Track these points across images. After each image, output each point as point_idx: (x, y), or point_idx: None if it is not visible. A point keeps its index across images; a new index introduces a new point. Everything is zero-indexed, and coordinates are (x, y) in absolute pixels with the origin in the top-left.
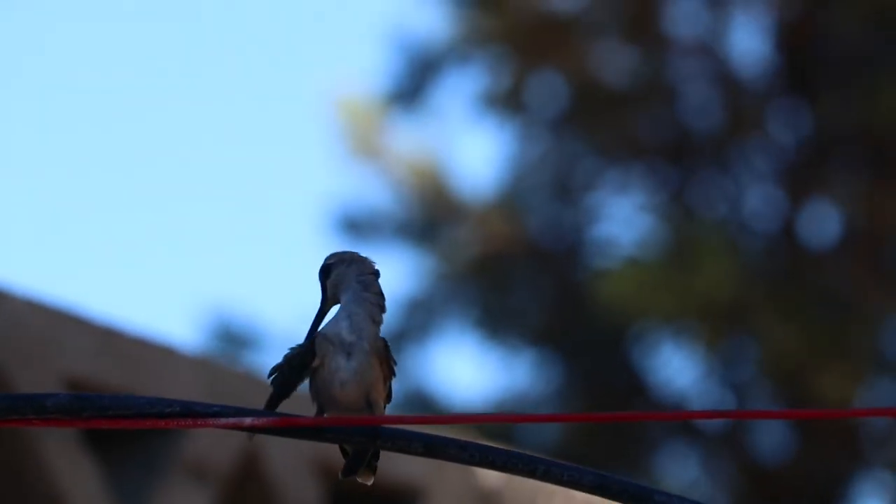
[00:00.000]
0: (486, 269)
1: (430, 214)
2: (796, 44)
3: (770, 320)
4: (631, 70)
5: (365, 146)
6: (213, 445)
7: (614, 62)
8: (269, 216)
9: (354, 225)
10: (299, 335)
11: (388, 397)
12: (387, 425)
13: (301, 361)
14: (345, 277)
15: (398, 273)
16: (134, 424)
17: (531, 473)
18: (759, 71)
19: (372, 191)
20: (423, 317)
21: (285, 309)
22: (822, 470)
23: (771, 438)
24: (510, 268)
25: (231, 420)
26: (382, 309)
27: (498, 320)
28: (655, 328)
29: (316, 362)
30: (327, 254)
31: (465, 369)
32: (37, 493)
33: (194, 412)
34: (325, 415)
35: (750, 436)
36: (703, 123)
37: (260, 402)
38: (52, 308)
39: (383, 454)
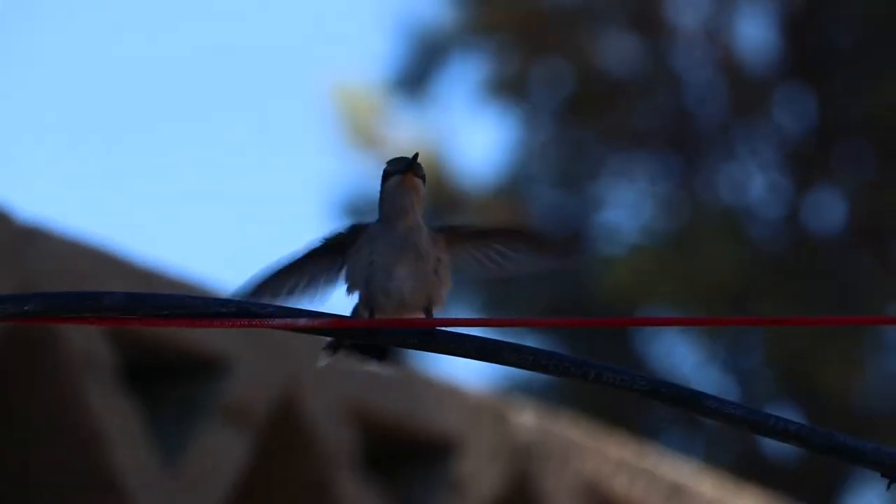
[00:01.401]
0: None
1: (434, 202)
2: (801, 30)
3: (774, 307)
4: (635, 58)
5: (365, 134)
6: (251, 390)
7: (618, 50)
8: (271, 203)
9: (356, 212)
10: None
11: (448, 288)
12: (441, 328)
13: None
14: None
15: None
16: (189, 324)
17: (584, 377)
18: (763, 58)
19: (373, 179)
20: None
21: None
22: (827, 462)
23: None
24: None
25: (286, 321)
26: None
27: (501, 307)
28: (659, 315)
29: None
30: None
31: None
32: (75, 433)
33: (249, 312)
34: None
35: None
36: (707, 111)
37: (300, 351)
38: (93, 248)
39: (423, 404)
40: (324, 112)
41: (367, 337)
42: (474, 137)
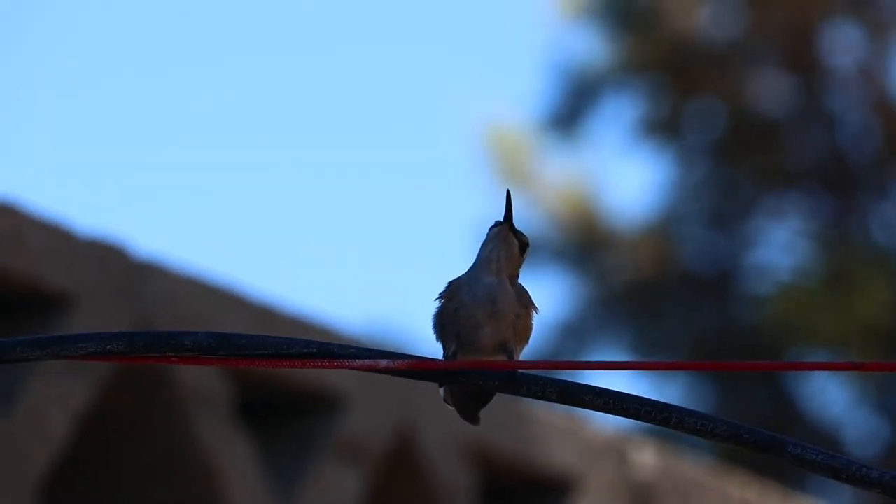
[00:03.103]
0: (639, 295)
1: (584, 240)
2: None
3: None
4: (788, 97)
5: (517, 173)
6: (367, 426)
7: (771, 89)
8: (424, 241)
9: None
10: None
11: (526, 340)
12: (522, 370)
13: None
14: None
15: (552, 298)
16: (270, 364)
17: (665, 422)
18: None
19: (525, 217)
20: (576, 341)
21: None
22: None
23: None
24: (663, 294)
25: (367, 362)
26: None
27: (650, 346)
28: (811, 355)
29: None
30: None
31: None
32: (189, 469)
33: (331, 353)
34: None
35: None
36: (860, 150)
37: (415, 388)
38: (209, 284)
39: (541, 442)
40: (475, 151)
41: (448, 378)
42: (626, 177)
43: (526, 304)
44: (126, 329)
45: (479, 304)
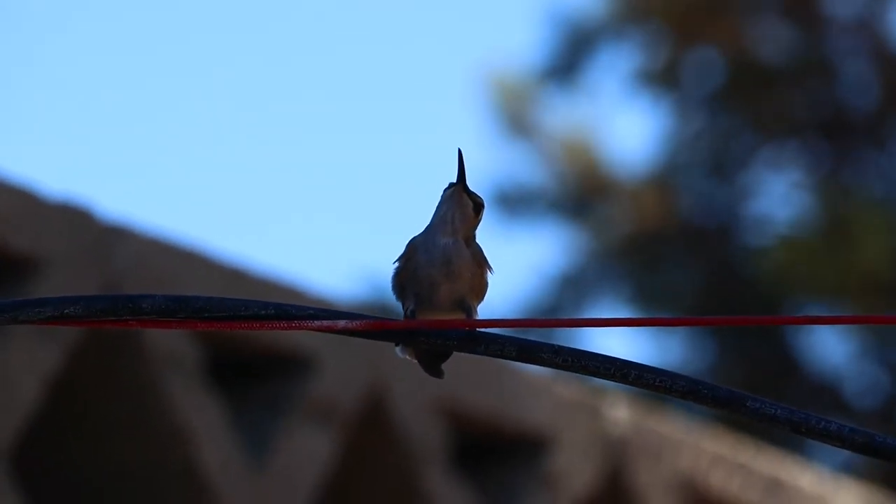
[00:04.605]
0: (639, 247)
1: (583, 191)
2: None
3: None
4: (787, 47)
5: (518, 122)
6: (338, 387)
7: (771, 39)
8: (422, 191)
9: (507, 200)
10: None
11: (482, 297)
12: (481, 329)
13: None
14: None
15: (550, 249)
16: (228, 326)
17: (624, 378)
18: None
19: (525, 166)
20: (575, 293)
21: None
22: None
23: None
24: (663, 245)
25: (325, 322)
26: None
27: (650, 297)
28: (810, 305)
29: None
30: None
31: (617, 346)
32: (161, 429)
33: (288, 314)
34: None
35: None
36: (860, 100)
37: (386, 347)
38: (178, 247)
39: (514, 399)
40: (477, 100)
41: (407, 338)
42: (626, 126)
43: (480, 263)
44: (95, 293)
45: (434, 265)
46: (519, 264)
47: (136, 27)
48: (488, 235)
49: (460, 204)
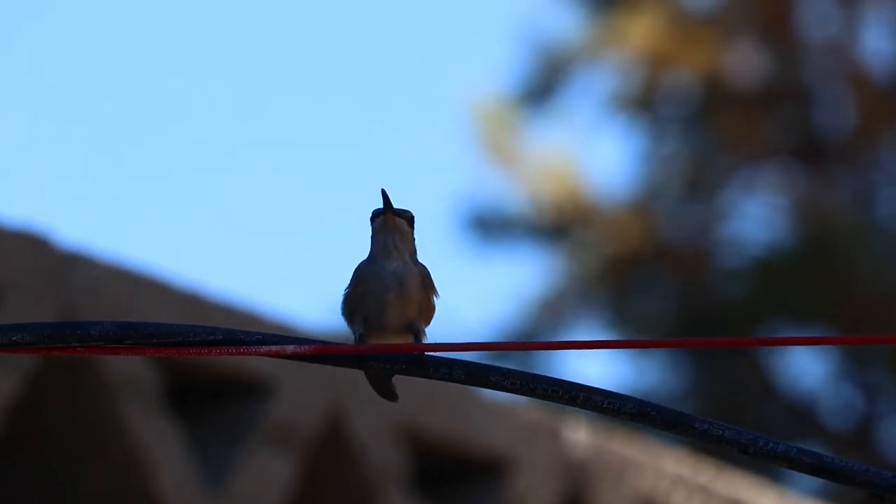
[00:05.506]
0: (618, 271)
1: (562, 215)
2: None
3: None
4: (763, 70)
5: (497, 147)
6: (297, 410)
7: (746, 62)
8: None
9: (485, 224)
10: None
11: (429, 320)
12: (430, 353)
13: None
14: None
15: (528, 273)
16: (177, 352)
17: (572, 401)
18: (892, 70)
19: (503, 191)
20: (553, 318)
21: None
22: None
23: None
24: (640, 268)
25: (273, 348)
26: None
27: (628, 321)
28: (785, 328)
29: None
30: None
31: (595, 370)
32: (119, 455)
33: (237, 339)
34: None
35: (881, 435)
36: (835, 123)
37: (345, 371)
38: (136, 273)
39: (474, 423)
40: (456, 124)
41: (356, 363)
42: (602, 150)
43: (428, 286)
44: (51, 320)
45: (386, 288)
46: (497, 289)
47: (87, 53)
48: (466, 259)
49: (396, 227)
